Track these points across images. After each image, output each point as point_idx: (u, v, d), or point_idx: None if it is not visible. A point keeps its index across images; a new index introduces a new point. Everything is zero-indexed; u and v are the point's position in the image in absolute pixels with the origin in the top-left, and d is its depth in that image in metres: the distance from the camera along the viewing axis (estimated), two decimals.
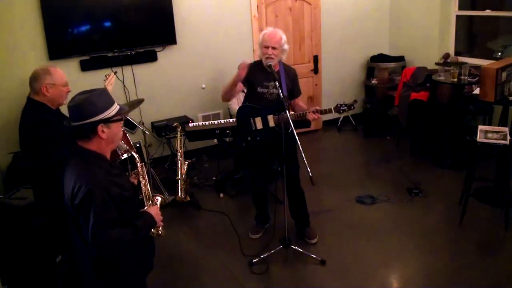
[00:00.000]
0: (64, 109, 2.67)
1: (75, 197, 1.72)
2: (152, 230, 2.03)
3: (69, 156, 1.85)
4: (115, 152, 2.93)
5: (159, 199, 2.23)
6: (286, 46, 3.21)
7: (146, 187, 2.09)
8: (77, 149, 1.82)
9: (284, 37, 3.19)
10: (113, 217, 1.76)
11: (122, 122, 1.92)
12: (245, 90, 3.51)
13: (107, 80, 3.53)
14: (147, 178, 2.11)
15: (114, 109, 1.84)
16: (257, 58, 3.64)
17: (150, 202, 2.11)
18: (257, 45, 3.29)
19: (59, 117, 2.69)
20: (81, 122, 1.76)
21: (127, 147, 3.00)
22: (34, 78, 2.60)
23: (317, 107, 3.16)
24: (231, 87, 3.33)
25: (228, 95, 3.46)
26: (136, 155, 2.09)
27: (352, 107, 3.13)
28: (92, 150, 1.81)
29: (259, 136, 3.28)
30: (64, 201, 1.82)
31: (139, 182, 2.11)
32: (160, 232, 2.14)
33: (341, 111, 3.15)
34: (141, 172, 2.08)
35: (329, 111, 3.13)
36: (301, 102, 3.44)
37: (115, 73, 4.01)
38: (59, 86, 2.63)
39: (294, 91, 3.37)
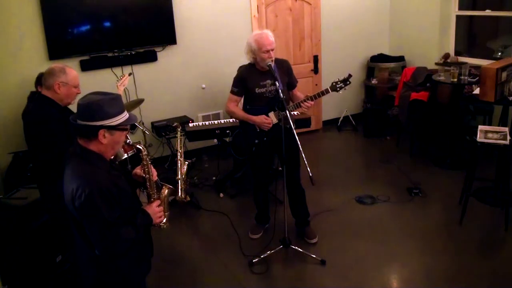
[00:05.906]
0: (72, 106, 2.67)
1: (75, 199, 1.71)
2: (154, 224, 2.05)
3: (69, 155, 1.84)
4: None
5: (165, 191, 2.23)
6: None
7: (150, 181, 2.09)
8: (77, 147, 1.82)
9: (272, 34, 3.19)
10: (117, 214, 1.77)
11: (127, 132, 1.91)
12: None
13: (120, 81, 3.55)
14: (152, 172, 2.11)
15: (122, 117, 1.82)
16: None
17: (156, 196, 2.11)
18: (249, 51, 3.19)
19: (66, 113, 2.69)
20: (84, 122, 1.76)
21: (126, 156, 2.97)
22: (49, 74, 2.61)
23: (309, 95, 3.18)
24: (242, 119, 3.35)
25: (234, 117, 3.47)
26: (142, 147, 2.08)
27: (348, 82, 3.13)
28: (91, 150, 1.80)
29: (266, 137, 3.29)
30: (64, 200, 1.81)
31: (145, 175, 2.11)
32: (161, 225, 2.15)
33: (338, 89, 3.15)
34: (146, 166, 2.07)
35: (326, 91, 3.15)
36: (298, 92, 3.45)
37: (130, 74, 3.98)
38: (71, 87, 2.65)
39: (290, 82, 3.39)
